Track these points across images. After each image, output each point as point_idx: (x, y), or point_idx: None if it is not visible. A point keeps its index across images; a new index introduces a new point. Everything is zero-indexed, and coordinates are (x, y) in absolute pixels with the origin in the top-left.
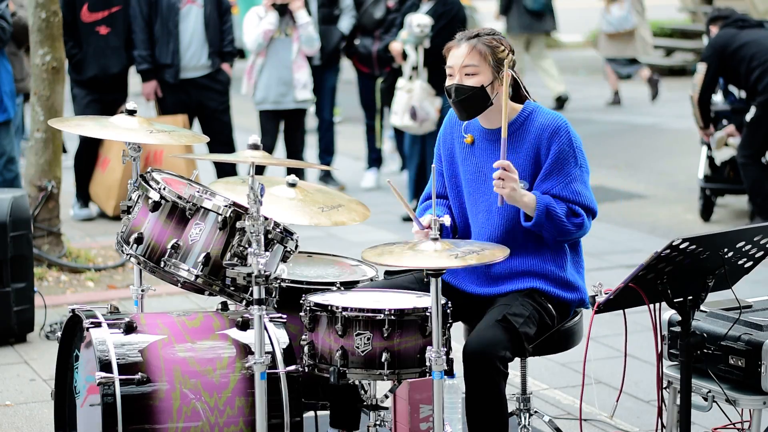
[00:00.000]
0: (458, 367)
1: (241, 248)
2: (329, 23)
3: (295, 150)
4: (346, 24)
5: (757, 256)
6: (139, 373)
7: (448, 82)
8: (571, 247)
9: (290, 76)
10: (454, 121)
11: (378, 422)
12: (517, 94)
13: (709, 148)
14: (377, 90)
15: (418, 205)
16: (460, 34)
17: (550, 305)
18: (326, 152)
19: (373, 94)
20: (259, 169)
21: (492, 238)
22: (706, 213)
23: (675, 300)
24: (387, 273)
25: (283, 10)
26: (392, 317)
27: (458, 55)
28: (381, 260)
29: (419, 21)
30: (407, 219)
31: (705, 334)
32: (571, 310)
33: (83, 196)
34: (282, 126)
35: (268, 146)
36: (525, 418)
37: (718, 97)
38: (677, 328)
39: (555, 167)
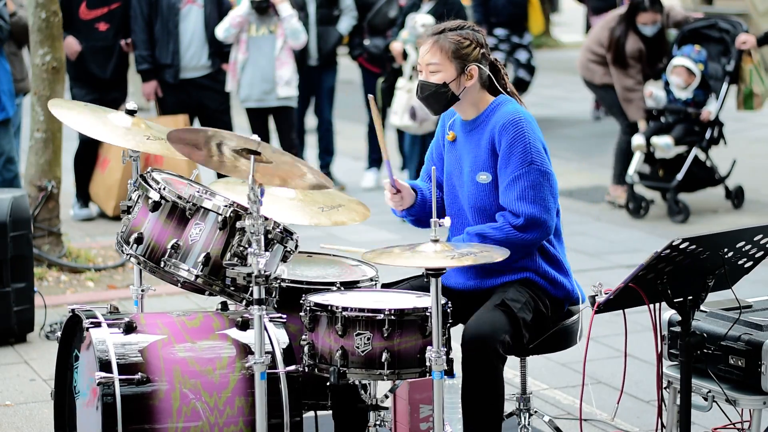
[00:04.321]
0: (458, 368)
1: (241, 248)
2: (328, 24)
3: (288, 147)
4: (345, 25)
5: (757, 256)
6: (139, 373)
7: (418, 78)
8: (540, 250)
9: (273, 74)
10: (445, 119)
11: (378, 422)
12: (495, 85)
13: (649, 144)
14: (378, 90)
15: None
16: (429, 29)
17: (542, 293)
18: (326, 152)
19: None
20: None
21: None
22: (637, 211)
23: (675, 300)
24: (384, 286)
25: (264, 10)
26: (392, 317)
27: (422, 52)
28: (381, 260)
29: (423, 21)
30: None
31: (705, 334)
32: (564, 306)
33: (83, 196)
34: (272, 125)
35: None
36: (525, 418)
37: (662, 93)
38: (677, 328)
39: (504, 163)
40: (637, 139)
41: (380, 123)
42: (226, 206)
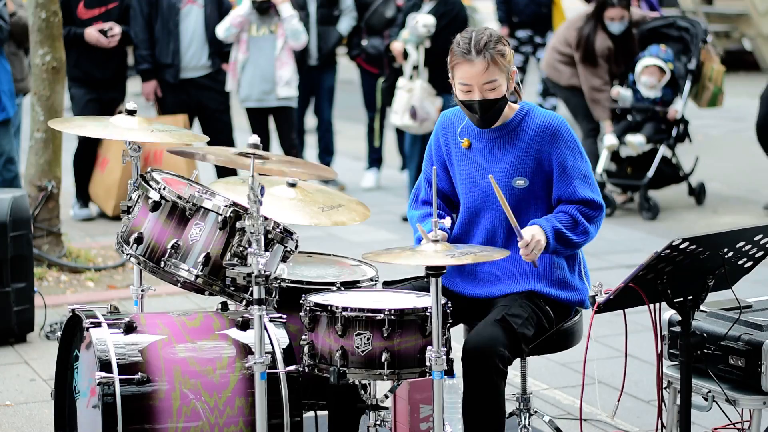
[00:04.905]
0: (458, 367)
1: (241, 248)
2: (328, 24)
3: (288, 147)
4: (345, 25)
5: (757, 256)
6: (139, 373)
7: (465, 97)
8: None
9: (273, 74)
10: (447, 124)
11: (378, 422)
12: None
13: (621, 142)
14: (378, 89)
15: (409, 208)
16: (463, 44)
17: (548, 307)
18: (326, 152)
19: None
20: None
21: (493, 239)
22: (608, 207)
23: (675, 300)
24: (385, 284)
25: (265, 10)
26: (392, 317)
27: (475, 72)
28: (380, 259)
29: (425, 21)
30: (407, 219)
31: (705, 334)
32: (571, 310)
33: (83, 196)
34: (272, 125)
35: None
36: (525, 418)
37: (628, 92)
38: (677, 328)
39: (563, 170)
40: (610, 139)
41: (505, 202)
42: (226, 206)
